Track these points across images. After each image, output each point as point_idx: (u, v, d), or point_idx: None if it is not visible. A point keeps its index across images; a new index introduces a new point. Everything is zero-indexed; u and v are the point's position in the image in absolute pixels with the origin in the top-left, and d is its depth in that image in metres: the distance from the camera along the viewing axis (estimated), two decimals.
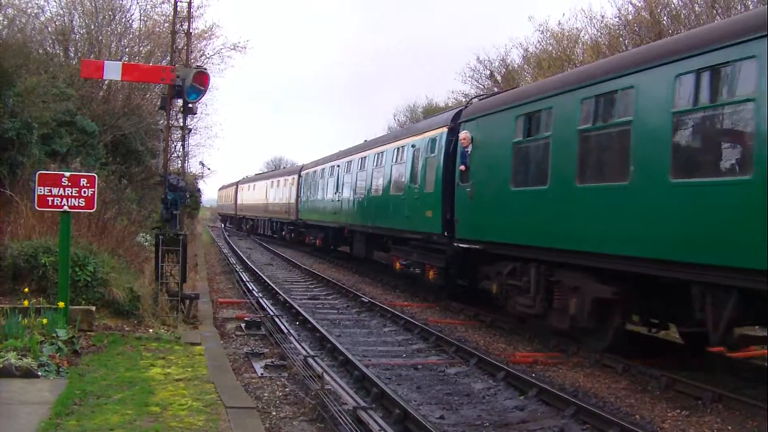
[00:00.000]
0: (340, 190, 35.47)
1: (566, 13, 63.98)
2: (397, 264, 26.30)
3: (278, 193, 55.57)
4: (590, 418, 11.06)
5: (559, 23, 37.96)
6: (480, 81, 44.51)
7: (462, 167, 19.70)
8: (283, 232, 54.08)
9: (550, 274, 16.07)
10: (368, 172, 30.39)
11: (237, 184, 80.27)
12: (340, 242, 39.23)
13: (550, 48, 37.65)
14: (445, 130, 21.71)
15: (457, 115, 21.49)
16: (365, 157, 31.42)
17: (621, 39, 30.58)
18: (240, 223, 78.05)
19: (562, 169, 15.22)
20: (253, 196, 68.36)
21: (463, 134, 19.72)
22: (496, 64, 43.52)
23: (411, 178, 24.46)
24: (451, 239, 20.61)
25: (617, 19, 31.74)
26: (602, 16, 34.57)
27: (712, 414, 11.53)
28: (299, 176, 48.27)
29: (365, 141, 38.11)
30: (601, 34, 33.31)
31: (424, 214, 22.40)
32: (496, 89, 38.47)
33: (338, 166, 36.86)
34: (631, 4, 30.41)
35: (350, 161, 34.26)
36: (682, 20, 27.20)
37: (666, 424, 11.16)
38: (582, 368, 14.67)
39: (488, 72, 43.80)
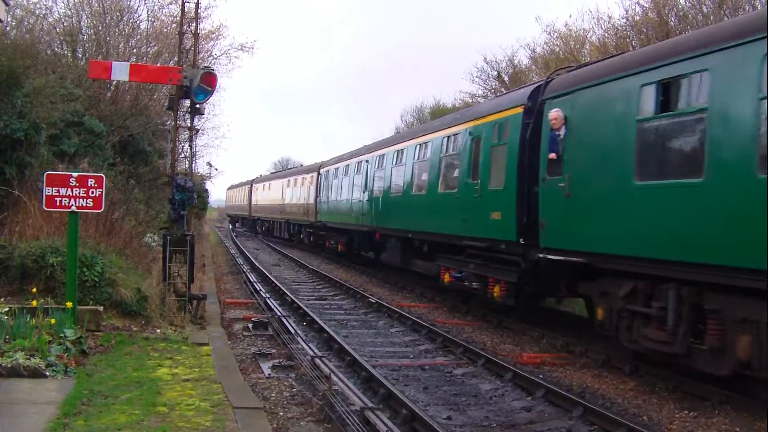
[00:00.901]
0: (369, 189, 31.00)
1: (573, 14, 63.78)
2: (447, 276, 21.70)
3: (295, 193, 51.26)
4: (598, 419, 11.05)
5: (566, 24, 37.97)
6: (487, 81, 44.47)
7: (552, 155, 15.61)
8: (302, 235, 49.90)
9: (700, 300, 11.93)
10: (407, 167, 26.27)
11: (251, 183, 74.63)
12: (368, 247, 34.54)
13: (557, 49, 37.60)
14: (520, 111, 17.60)
15: (536, 91, 17.42)
16: (402, 150, 27.30)
17: (628, 40, 30.51)
18: (254, 225, 73.28)
19: (730, 154, 11.05)
20: (268, 196, 63.38)
21: (554, 114, 15.60)
22: (504, 64, 43.48)
23: (468, 173, 20.18)
24: (529, 248, 16.71)
25: (624, 20, 31.70)
26: (609, 17, 34.52)
27: (721, 415, 11.50)
28: (318, 174, 44.31)
29: (397, 132, 37.32)
30: (608, 35, 33.26)
31: (488, 216, 18.41)
32: (503, 90, 38.46)
33: (366, 161, 32.41)
34: (639, 4, 30.37)
35: (382, 155, 29.88)
36: (690, 21, 27.15)
37: (674, 425, 11.14)
38: (589, 369, 14.65)
39: (495, 72, 43.73)
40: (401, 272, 29.52)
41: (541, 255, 16.02)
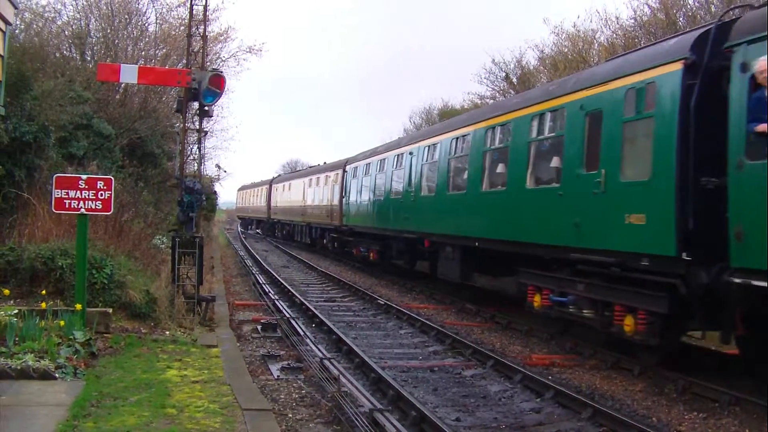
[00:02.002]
0: (415, 186, 26.20)
1: (581, 14, 63.60)
2: (538, 299, 16.84)
3: (318, 193, 46.44)
4: (607, 420, 11.02)
5: (574, 25, 37.87)
6: (496, 83, 44.37)
7: (761, 127, 10.66)
8: (324, 240, 45.65)
9: None
10: (473, 158, 21.00)
11: (271, 183, 68.78)
12: (410, 257, 30.49)
13: (566, 50, 37.53)
14: (677, 67, 12.59)
15: (703, 38, 12.55)
16: (464, 137, 22.10)
17: (637, 40, 30.44)
18: (273, 228, 68.17)
19: None
20: (288, 196, 57.92)
21: (762, 64, 10.69)
22: (512, 65, 43.37)
23: (580, 161, 15.21)
24: (697, 266, 12.04)
25: (633, 20, 31.64)
26: (617, 18, 34.45)
27: (730, 417, 11.46)
28: (344, 172, 39.77)
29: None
30: (616, 35, 33.19)
31: (621, 219, 13.60)
32: (512, 92, 38.42)
33: (411, 153, 27.38)
34: (647, 5, 30.31)
35: (433, 145, 24.94)
36: (698, 21, 27.05)
37: (683, 426, 11.12)
38: (599, 370, 14.61)
39: (504, 74, 43.64)
40: (407, 273, 29.48)
41: (735, 279, 11.22)
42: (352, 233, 37.05)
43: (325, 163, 50.75)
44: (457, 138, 22.63)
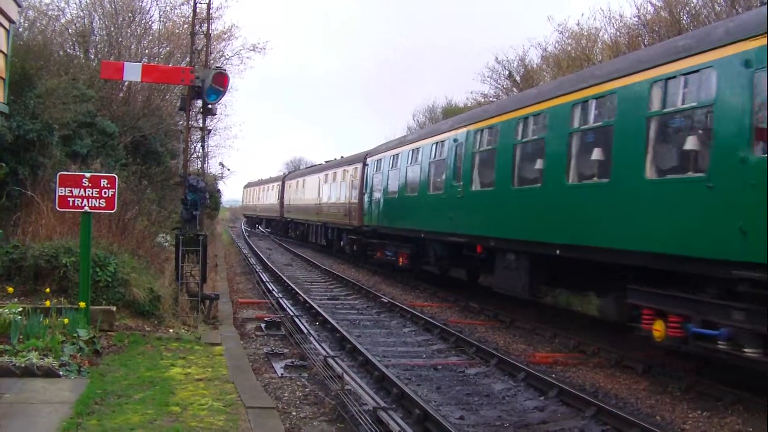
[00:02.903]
0: (464, 179, 21.53)
1: (585, 12, 63.68)
2: (659, 327, 12.63)
3: (334, 190, 42.61)
4: (610, 418, 11.02)
5: (578, 23, 37.83)
6: (499, 81, 44.36)
7: None
8: (342, 242, 41.47)
9: None
10: (551, 141, 16.51)
11: (284, 179, 64.14)
12: (451, 263, 25.83)
13: (569, 48, 37.52)
14: None
15: None
16: (537, 116, 17.46)
17: (641, 38, 30.41)
18: (287, 228, 62.79)
19: None
20: (302, 194, 53.59)
21: None
22: (515, 64, 43.35)
23: (746, 141, 10.88)
24: None
25: (636, 19, 31.61)
26: (621, 16, 34.42)
27: (734, 415, 11.47)
28: (364, 165, 35.54)
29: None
30: (620, 33, 33.16)
31: None
32: (515, 90, 38.41)
33: (455, 140, 22.71)
34: (651, 3, 30.27)
35: (490, 128, 20.24)
36: (702, 20, 27.03)
37: (687, 425, 11.11)
38: (602, 369, 14.62)
39: (507, 72, 43.63)
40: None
41: None
42: (375, 234, 32.53)
43: (342, 157, 46.21)
44: (525, 118, 18.04)
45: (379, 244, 31.95)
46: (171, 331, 15.32)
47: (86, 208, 13.75)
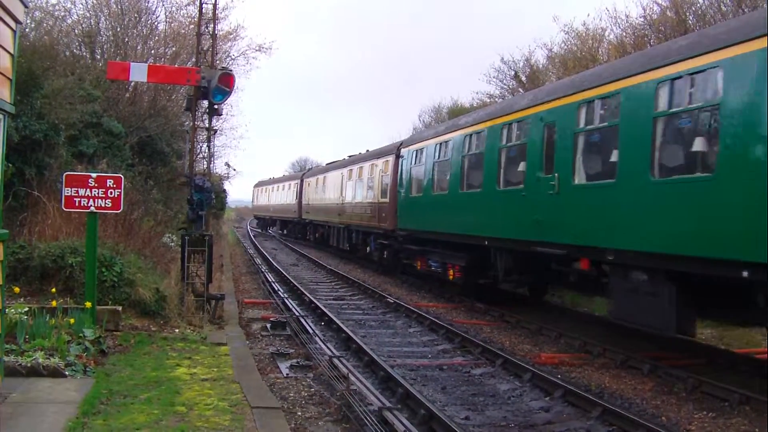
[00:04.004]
0: (554, 171, 16.45)
1: (591, 13, 63.62)
2: None
3: (360, 188, 37.61)
4: (616, 419, 11.00)
5: (584, 23, 37.85)
6: (504, 81, 44.34)
7: None
8: (368, 248, 35.82)
9: None
10: (734, 108, 11.39)
11: (302, 177, 58.40)
12: (529, 278, 20.59)
13: (575, 48, 37.50)
14: None
15: None
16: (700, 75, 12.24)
17: (646, 39, 30.38)
18: (305, 230, 57.51)
19: None
20: (322, 193, 48.05)
21: None
22: (521, 64, 43.32)
23: None
24: None
25: (642, 19, 31.59)
26: (627, 16, 34.45)
27: (740, 416, 11.43)
28: (397, 158, 30.40)
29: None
30: (626, 33, 33.14)
31: None
32: (521, 90, 38.38)
33: (541, 119, 17.32)
34: (657, 3, 30.24)
35: (601, 99, 15.11)
36: (708, 20, 26.99)
37: (693, 426, 11.08)
38: (608, 369, 14.59)
39: (513, 72, 43.61)
40: (415, 272, 28.28)
41: None
42: (413, 240, 27.34)
43: (367, 151, 40.78)
44: (676, 80, 12.76)
45: (420, 251, 26.87)
46: (177, 331, 15.36)
47: (92, 208, 13.78)
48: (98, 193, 13.78)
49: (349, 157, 44.35)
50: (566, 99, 16.42)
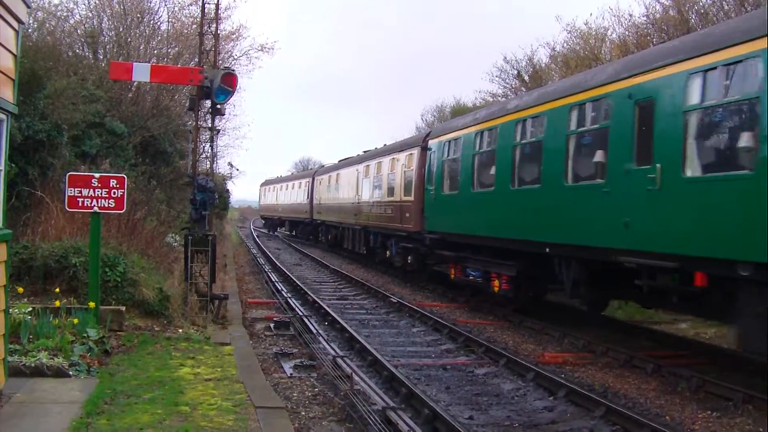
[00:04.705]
0: (646, 159, 13.40)
1: (594, 12, 63.63)
2: None
3: (378, 185, 33.96)
4: (620, 419, 10.99)
5: (586, 22, 37.77)
6: (507, 80, 44.31)
7: None
8: (388, 252, 31.85)
9: None
10: None
11: (314, 175, 54.54)
12: (609, 293, 17.46)
13: (578, 47, 37.47)
14: None
15: None
16: None
17: (649, 38, 30.34)
18: (316, 232, 53.94)
19: None
20: (335, 192, 44.92)
21: None
22: (524, 63, 43.29)
23: None
24: None
25: (645, 18, 31.54)
26: (630, 15, 34.38)
27: (743, 415, 11.42)
28: (423, 150, 27.01)
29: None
30: (628, 33, 33.09)
31: None
32: (524, 89, 38.36)
33: (629, 95, 14.10)
34: (659, 2, 30.21)
35: (721, 67, 11.84)
36: (710, 18, 26.95)
37: (696, 425, 11.07)
38: (611, 369, 14.58)
39: (515, 72, 43.57)
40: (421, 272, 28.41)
41: None
42: (443, 244, 23.85)
43: (384, 145, 37.59)
44: None
45: (455, 257, 23.11)
46: (180, 331, 15.35)
47: (95, 208, 13.80)
48: (101, 193, 13.81)
49: (365, 152, 41.26)
50: (671, 68, 13.00)
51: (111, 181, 13.95)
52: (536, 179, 17.58)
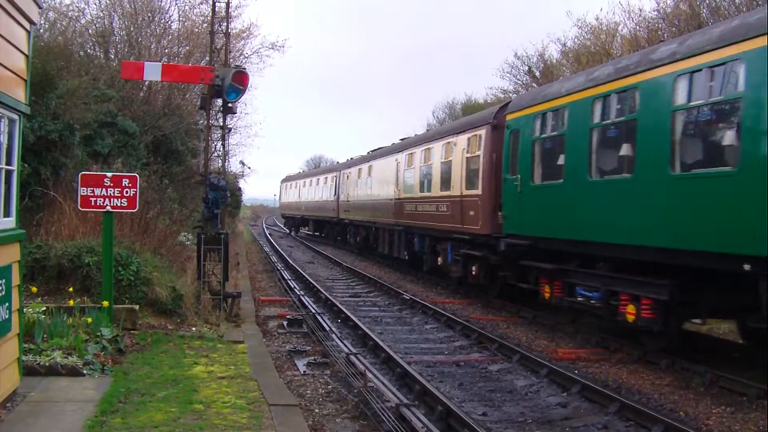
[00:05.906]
0: None
1: (604, 7, 63.57)
2: None
3: (427, 176, 27.93)
4: (634, 414, 10.96)
5: (597, 18, 37.72)
6: (518, 77, 44.28)
7: None
8: (439, 259, 26.28)
9: None
10: None
11: (340, 170, 48.78)
12: None
13: (589, 43, 37.39)
14: None
15: None
16: None
17: (660, 32, 30.25)
18: (345, 231, 47.88)
19: None
20: (367, 187, 39.25)
21: None
22: (534, 59, 43.27)
23: None
24: None
25: (656, 12, 31.46)
26: (640, 10, 34.30)
27: (758, 410, 11.36)
28: (493, 130, 21.54)
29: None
30: (639, 27, 33.01)
31: None
32: (534, 85, 38.29)
33: None
34: None
35: None
36: (722, 12, 26.84)
37: (711, 420, 11.03)
38: (625, 364, 14.53)
39: (526, 68, 43.54)
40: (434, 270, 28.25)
41: None
42: (533, 252, 18.26)
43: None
44: None
45: (556, 271, 17.27)
46: (193, 329, 15.39)
47: (108, 207, 13.82)
48: (114, 193, 13.82)
49: (402, 140, 35.58)
50: None
51: (123, 180, 13.97)
52: (722, 160, 12.01)
